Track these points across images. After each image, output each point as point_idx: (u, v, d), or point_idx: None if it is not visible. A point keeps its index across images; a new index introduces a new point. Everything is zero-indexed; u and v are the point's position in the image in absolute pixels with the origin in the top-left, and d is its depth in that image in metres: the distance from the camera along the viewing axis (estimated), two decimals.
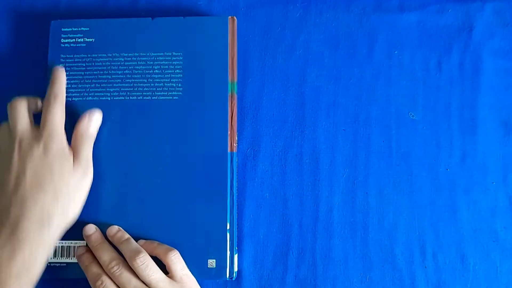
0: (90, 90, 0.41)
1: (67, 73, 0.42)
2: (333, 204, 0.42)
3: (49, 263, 0.39)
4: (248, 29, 0.45)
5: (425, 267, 0.41)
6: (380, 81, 0.44)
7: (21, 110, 0.38)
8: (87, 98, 0.41)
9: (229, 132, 0.41)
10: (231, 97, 0.42)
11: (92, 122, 0.39)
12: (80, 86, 0.41)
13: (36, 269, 0.34)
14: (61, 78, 0.40)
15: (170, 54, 0.42)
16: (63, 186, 0.36)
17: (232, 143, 0.41)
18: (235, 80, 0.42)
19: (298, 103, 0.44)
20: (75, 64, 0.42)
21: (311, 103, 0.43)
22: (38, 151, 0.36)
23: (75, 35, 0.42)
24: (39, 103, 0.40)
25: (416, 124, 0.43)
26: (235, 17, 0.43)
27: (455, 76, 0.44)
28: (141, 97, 0.41)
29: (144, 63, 0.42)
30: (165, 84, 0.41)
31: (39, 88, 0.42)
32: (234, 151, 0.41)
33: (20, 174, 0.35)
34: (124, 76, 0.42)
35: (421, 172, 0.42)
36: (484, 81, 0.43)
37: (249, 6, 0.45)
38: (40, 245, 0.34)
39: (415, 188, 0.42)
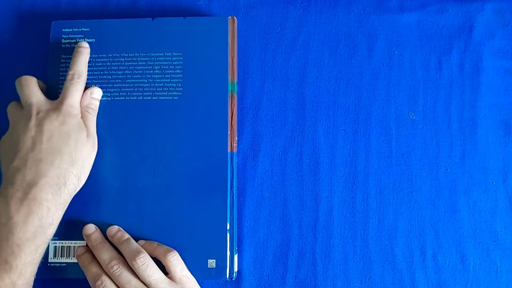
0: None
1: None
2: (333, 204, 0.42)
3: (49, 263, 0.40)
4: (248, 29, 0.45)
5: (425, 267, 0.41)
6: (380, 81, 0.44)
7: (33, 85, 0.39)
8: None
9: (229, 132, 0.41)
10: (231, 97, 0.42)
11: (94, 97, 0.40)
12: None
13: (51, 230, 0.35)
14: (86, 56, 0.41)
15: (170, 54, 0.42)
16: (78, 152, 0.37)
17: (232, 143, 0.41)
18: (235, 80, 0.42)
19: (298, 103, 0.44)
20: None
21: (311, 103, 0.43)
22: (56, 120, 0.37)
23: (75, 36, 0.42)
24: (43, 85, 0.41)
25: (416, 124, 0.43)
26: (235, 17, 0.43)
27: (455, 76, 0.44)
28: (141, 97, 0.41)
29: (144, 63, 0.42)
30: (165, 84, 0.41)
31: None
32: (234, 151, 0.41)
33: (36, 137, 0.36)
34: (125, 76, 0.42)
35: (421, 172, 0.42)
36: (484, 81, 0.43)
37: (249, 6, 0.45)
38: (56, 206, 0.35)
39: (415, 188, 0.42)
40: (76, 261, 0.39)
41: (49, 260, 0.40)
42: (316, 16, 0.45)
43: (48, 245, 0.39)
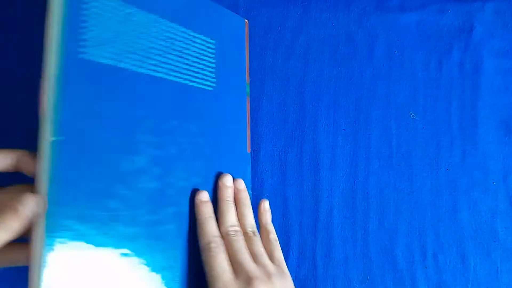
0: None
1: None
2: (333, 204, 0.42)
3: None
4: (249, 29, 0.45)
5: (426, 267, 0.41)
6: (380, 81, 0.44)
7: None
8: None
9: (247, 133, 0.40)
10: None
11: None
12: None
13: None
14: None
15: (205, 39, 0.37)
16: None
17: (248, 143, 0.41)
18: (248, 82, 0.41)
19: (298, 103, 0.43)
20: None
21: (311, 103, 0.43)
22: None
23: None
24: None
25: (416, 124, 0.43)
26: (247, 21, 0.42)
27: (456, 76, 0.44)
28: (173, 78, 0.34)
29: (182, 39, 0.35)
30: (200, 71, 0.36)
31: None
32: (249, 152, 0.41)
33: None
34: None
35: (421, 172, 0.42)
36: (484, 81, 0.43)
37: (249, 6, 0.45)
38: None
39: (415, 188, 0.42)
40: None
41: None
42: (316, 16, 0.45)
43: None
